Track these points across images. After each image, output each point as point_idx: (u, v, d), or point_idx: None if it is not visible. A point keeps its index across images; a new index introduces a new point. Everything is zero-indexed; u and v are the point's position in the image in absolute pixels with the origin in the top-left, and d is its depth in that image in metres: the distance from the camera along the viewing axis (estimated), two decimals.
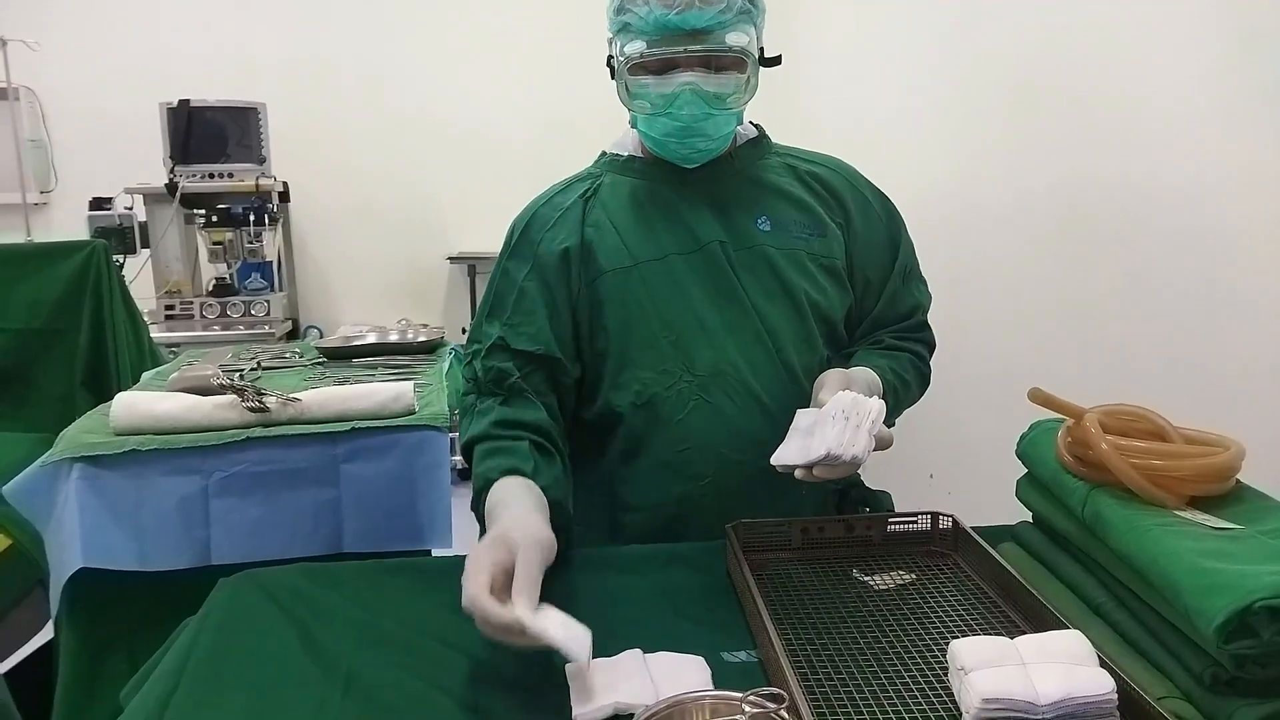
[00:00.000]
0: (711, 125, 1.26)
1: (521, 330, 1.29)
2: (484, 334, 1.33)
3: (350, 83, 4.26)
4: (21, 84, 3.88)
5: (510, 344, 1.29)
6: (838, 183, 1.39)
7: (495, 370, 1.29)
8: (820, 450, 1.05)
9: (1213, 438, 0.99)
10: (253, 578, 1.14)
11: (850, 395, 1.10)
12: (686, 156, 1.30)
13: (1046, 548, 1.07)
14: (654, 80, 1.23)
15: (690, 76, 1.21)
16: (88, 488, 1.41)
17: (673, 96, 1.22)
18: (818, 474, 1.07)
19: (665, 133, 1.26)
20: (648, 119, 1.27)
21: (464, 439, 1.28)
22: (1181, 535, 0.86)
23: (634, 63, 1.22)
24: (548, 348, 1.30)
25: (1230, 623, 0.73)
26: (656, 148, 1.30)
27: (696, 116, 1.23)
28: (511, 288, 1.32)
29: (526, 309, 1.30)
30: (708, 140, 1.28)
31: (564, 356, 1.31)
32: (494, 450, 1.22)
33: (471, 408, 1.30)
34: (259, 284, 3.82)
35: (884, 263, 1.38)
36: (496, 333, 1.30)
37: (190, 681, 0.94)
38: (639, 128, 1.30)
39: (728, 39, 1.20)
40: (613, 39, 1.27)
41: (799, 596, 1.06)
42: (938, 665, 0.90)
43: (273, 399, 1.49)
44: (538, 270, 1.31)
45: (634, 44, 1.21)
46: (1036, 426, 1.13)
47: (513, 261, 1.34)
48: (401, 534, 1.49)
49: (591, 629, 1.00)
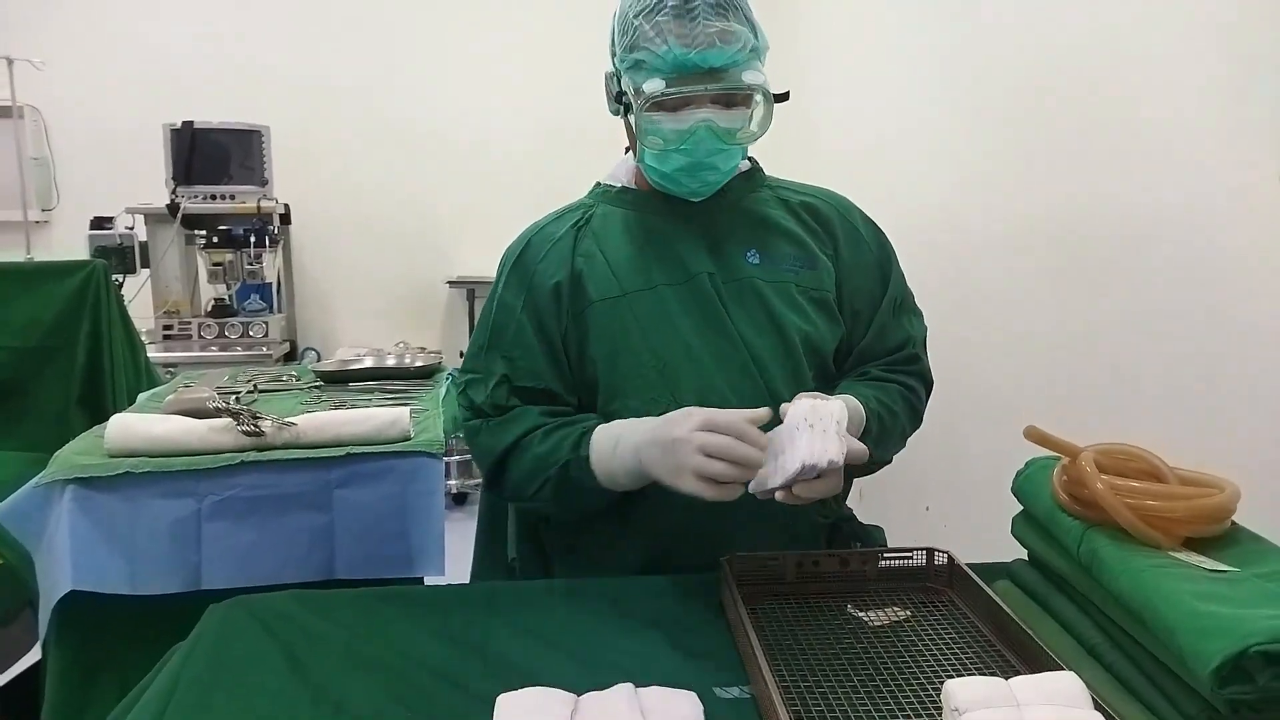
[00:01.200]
0: (722, 159, 1.27)
1: (521, 365, 1.31)
2: (484, 366, 1.33)
3: (353, 105, 4.29)
4: (26, 102, 3.91)
5: (513, 380, 1.31)
6: (829, 213, 1.39)
7: (497, 407, 1.31)
8: (794, 465, 1.04)
9: (1208, 478, 0.99)
10: (244, 603, 1.13)
11: (807, 403, 1.10)
12: (695, 190, 1.31)
13: (1042, 586, 1.06)
14: (668, 117, 1.24)
15: (706, 113, 1.22)
16: (80, 509, 1.40)
17: (688, 133, 1.23)
18: (798, 493, 1.06)
19: (677, 168, 1.27)
20: (659, 155, 1.27)
21: (500, 445, 1.28)
22: (1177, 577, 0.86)
23: (653, 100, 1.23)
24: (548, 383, 1.31)
25: (1225, 667, 0.73)
26: (665, 181, 1.31)
27: (710, 151, 1.25)
28: (509, 320, 1.32)
29: (525, 344, 1.31)
30: (717, 174, 1.29)
31: (561, 390, 1.32)
32: (555, 427, 1.27)
33: (480, 429, 1.31)
34: (258, 305, 3.83)
35: (873, 294, 1.38)
36: (500, 370, 1.31)
37: (178, 706, 0.93)
38: (645, 162, 1.31)
39: (744, 77, 1.22)
40: (621, 74, 1.27)
41: (793, 631, 1.05)
42: (932, 705, 0.89)
43: (268, 423, 1.49)
44: (532, 303, 1.32)
45: (652, 82, 1.21)
46: (1032, 464, 1.13)
47: (508, 293, 1.34)
48: (394, 561, 1.48)
49: (583, 662, 1.00)
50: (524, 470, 1.27)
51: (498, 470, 1.30)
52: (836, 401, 1.11)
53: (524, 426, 1.28)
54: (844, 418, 1.09)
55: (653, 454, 1.13)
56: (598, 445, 1.21)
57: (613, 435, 1.20)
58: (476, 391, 1.32)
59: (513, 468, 1.28)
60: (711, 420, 1.07)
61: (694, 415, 1.09)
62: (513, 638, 1.07)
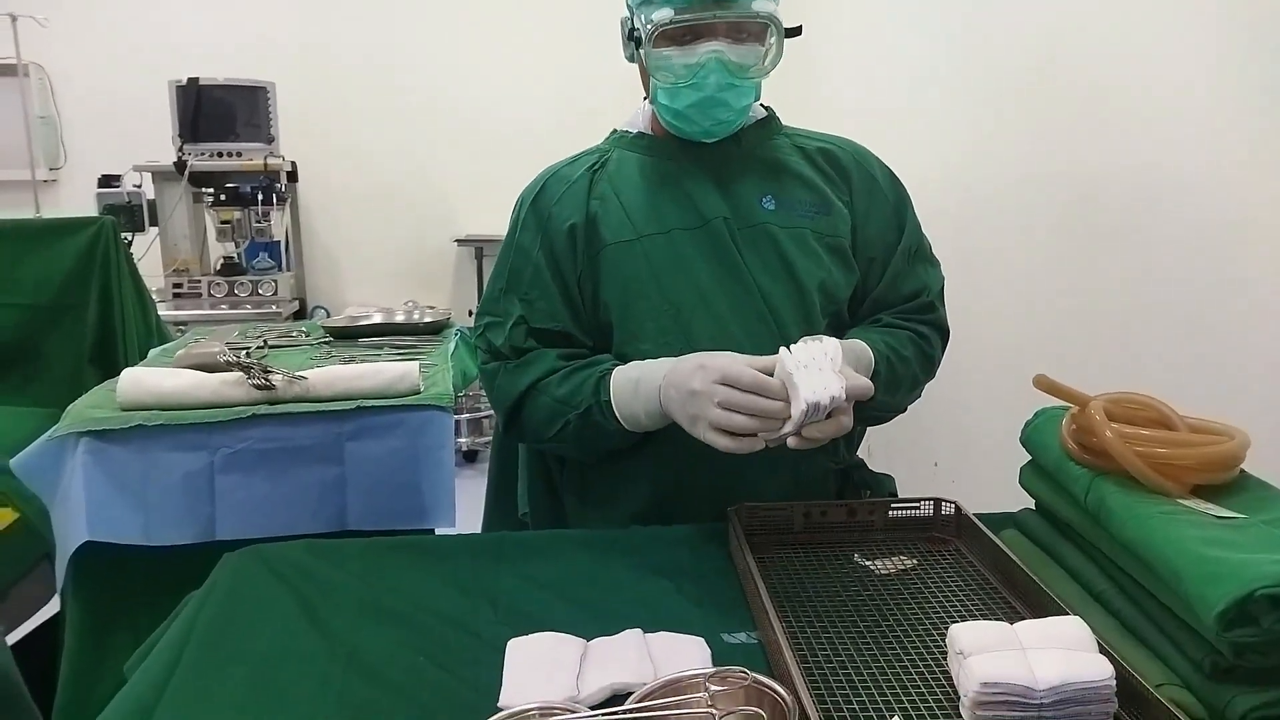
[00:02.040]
0: (734, 96, 1.26)
1: (539, 307, 1.31)
2: (501, 309, 1.33)
3: (360, 64, 4.26)
4: (31, 60, 3.88)
5: (530, 322, 1.31)
6: (845, 160, 1.38)
7: (520, 351, 1.31)
8: (799, 408, 1.02)
9: (1218, 427, 0.99)
10: (257, 553, 1.15)
11: (800, 345, 1.07)
12: (708, 130, 1.29)
13: (1049, 534, 1.07)
14: (678, 51, 1.23)
15: (716, 45, 1.22)
16: (94, 462, 1.42)
17: (698, 66, 1.22)
18: (810, 434, 1.05)
19: (688, 104, 1.26)
20: (670, 90, 1.26)
21: (517, 388, 1.29)
22: (1184, 523, 0.86)
23: (660, 31, 1.22)
24: (565, 325, 1.31)
25: (1231, 611, 0.73)
26: (677, 120, 1.30)
27: (721, 85, 1.23)
28: (526, 262, 1.32)
29: (543, 285, 1.31)
30: (729, 111, 1.27)
31: (577, 332, 1.32)
32: (573, 370, 1.27)
33: (498, 370, 1.32)
34: (266, 263, 3.83)
35: (889, 242, 1.37)
36: (517, 311, 1.31)
37: (194, 654, 0.95)
38: (659, 100, 1.30)
39: (755, 5, 1.21)
40: (635, 11, 1.26)
41: (800, 580, 1.06)
42: (937, 650, 0.90)
43: (279, 377, 1.50)
44: (548, 245, 1.32)
45: (661, 11, 1.21)
46: (1041, 414, 1.13)
47: (525, 235, 1.34)
48: (405, 512, 1.50)
49: (592, 609, 1.01)
50: (543, 413, 1.27)
51: (514, 412, 1.31)
52: (830, 339, 1.09)
53: (542, 369, 1.28)
54: (837, 354, 1.06)
55: (672, 398, 1.13)
56: (618, 388, 1.21)
57: (632, 378, 1.20)
58: (495, 334, 1.32)
59: (530, 410, 1.29)
60: (731, 375, 1.06)
61: (711, 368, 1.08)
62: (522, 586, 1.08)
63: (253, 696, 0.88)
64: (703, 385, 1.08)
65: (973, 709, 0.77)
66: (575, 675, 0.87)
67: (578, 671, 0.88)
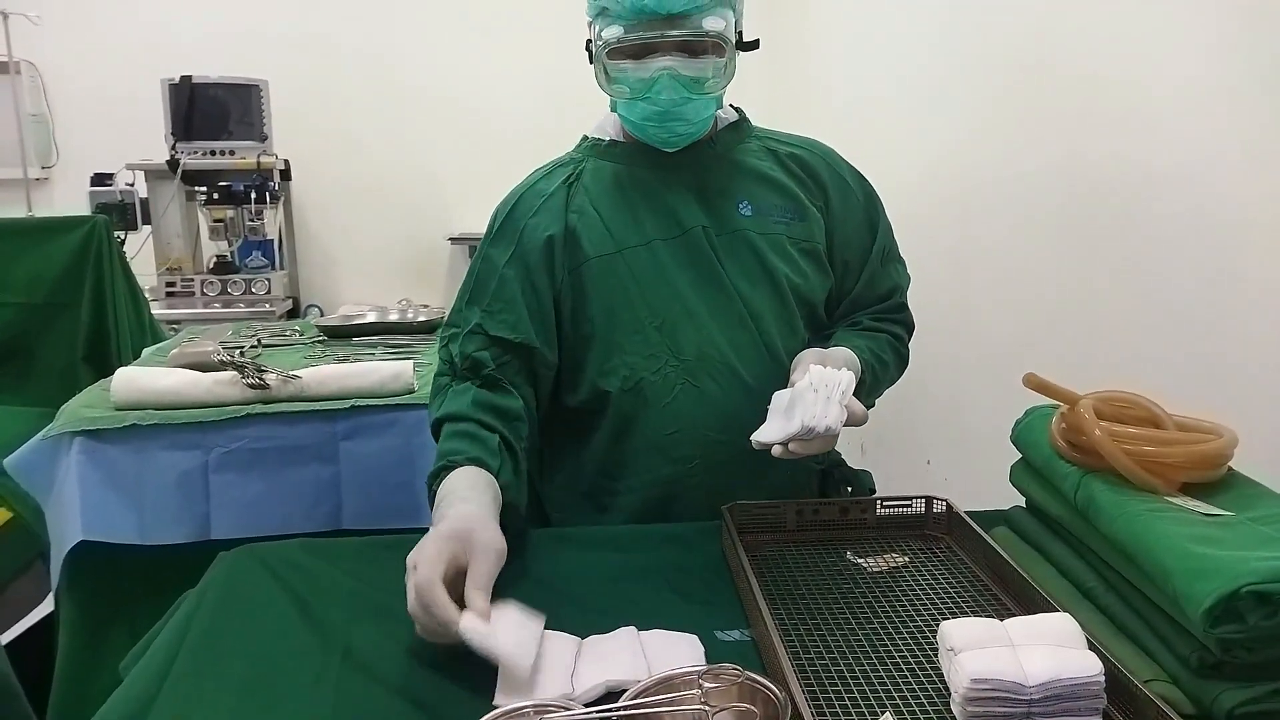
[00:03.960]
0: (691, 109, 1.26)
1: (500, 318, 1.28)
2: (463, 319, 1.31)
3: (353, 61, 4.25)
4: (23, 58, 3.87)
5: (487, 330, 1.28)
6: (816, 164, 1.39)
7: (471, 359, 1.27)
8: (795, 426, 1.08)
9: (1206, 425, 1.00)
10: (252, 552, 1.15)
11: (820, 370, 1.12)
12: (666, 140, 1.30)
13: (1039, 532, 1.08)
14: (632, 65, 1.23)
15: (668, 61, 1.21)
16: (88, 461, 1.42)
17: (651, 81, 1.22)
18: (794, 449, 1.08)
19: (644, 117, 1.26)
20: (627, 103, 1.27)
21: (436, 415, 1.26)
22: (1172, 520, 0.87)
23: (612, 47, 1.22)
24: (526, 336, 1.28)
25: (1218, 607, 0.74)
26: (636, 131, 1.31)
27: (675, 101, 1.23)
28: (492, 274, 1.31)
29: (507, 296, 1.29)
30: (687, 124, 1.28)
31: (541, 346, 1.30)
32: (465, 434, 1.20)
33: (445, 388, 1.28)
34: (260, 262, 3.83)
35: (862, 244, 1.39)
36: (475, 319, 1.29)
37: (190, 651, 0.95)
38: (619, 111, 1.31)
39: (705, 24, 1.20)
40: (591, 23, 1.27)
41: (792, 577, 1.07)
42: (928, 646, 0.91)
43: (273, 376, 1.50)
44: (519, 257, 1.30)
45: (611, 28, 1.21)
46: (1031, 412, 1.14)
47: (495, 248, 1.33)
48: (399, 511, 1.50)
49: (586, 607, 1.02)
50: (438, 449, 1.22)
51: (435, 436, 1.26)
52: (847, 373, 1.13)
53: (452, 408, 1.23)
54: (850, 387, 1.11)
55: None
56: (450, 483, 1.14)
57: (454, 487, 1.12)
58: (454, 345, 1.30)
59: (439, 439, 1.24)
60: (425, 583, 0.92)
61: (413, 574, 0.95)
62: (516, 583, 1.08)
63: (248, 694, 0.88)
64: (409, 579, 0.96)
65: (963, 705, 0.77)
66: (570, 673, 0.88)
67: (572, 669, 0.88)
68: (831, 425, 1.07)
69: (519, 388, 1.29)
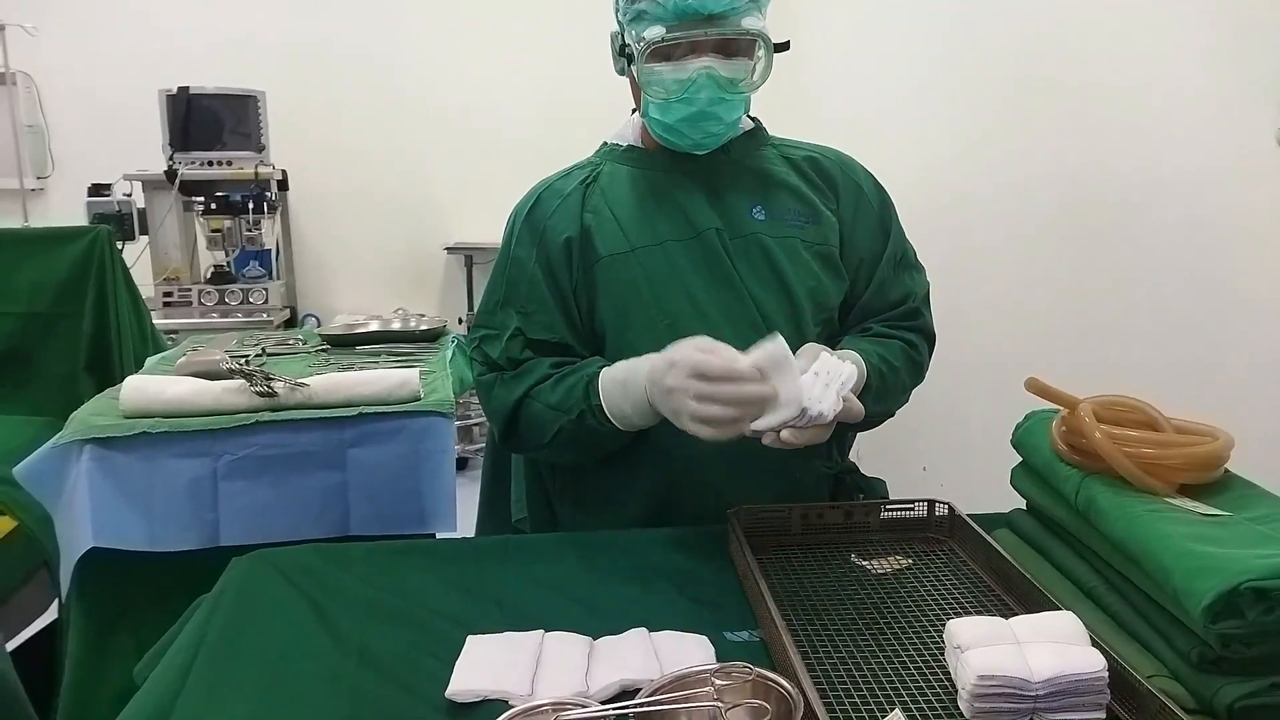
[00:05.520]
0: (725, 109, 1.28)
1: (536, 319, 1.32)
2: (498, 322, 1.34)
3: (350, 71, 4.26)
4: (19, 69, 3.88)
5: (527, 333, 1.32)
6: (831, 168, 1.41)
7: (517, 362, 1.32)
8: (791, 409, 1.07)
9: (1203, 428, 1.02)
10: (265, 557, 1.17)
11: (827, 358, 1.13)
12: (698, 142, 1.32)
13: (1040, 534, 1.10)
14: (669, 67, 1.25)
15: (707, 61, 1.24)
16: (98, 469, 1.43)
17: (689, 82, 1.24)
18: (785, 437, 1.08)
19: (680, 118, 1.28)
20: (662, 105, 1.28)
21: (512, 398, 1.30)
22: (1171, 521, 0.89)
23: (652, 48, 1.24)
24: (562, 337, 1.32)
25: (1217, 604, 0.76)
26: (668, 134, 1.32)
27: (712, 100, 1.26)
28: (523, 275, 1.34)
29: (539, 298, 1.32)
30: (720, 124, 1.30)
31: (575, 343, 1.34)
32: (563, 376, 1.28)
33: (496, 381, 1.32)
34: (257, 271, 3.83)
35: (875, 250, 1.40)
36: (514, 323, 1.32)
37: (207, 656, 0.96)
38: (650, 114, 1.32)
39: (744, 23, 1.23)
40: (626, 28, 1.29)
41: (799, 579, 1.09)
42: (934, 645, 0.93)
43: (281, 384, 1.51)
44: (544, 258, 1.33)
45: (653, 29, 1.23)
46: (1032, 416, 1.16)
47: (521, 248, 1.35)
48: (407, 517, 1.51)
49: (598, 608, 1.03)
50: (537, 420, 1.29)
51: (510, 423, 1.32)
52: (850, 367, 1.14)
53: (534, 377, 1.30)
54: (851, 380, 1.12)
55: (655, 396, 1.16)
56: (607, 390, 1.23)
57: (619, 379, 1.22)
58: (492, 347, 1.33)
59: (525, 418, 1.30)
60: (700, 368, 1.08)
61: (681, 364, 1.10)
62: (527, 588, 1.10)
63: (266, 697, 0.89)
64: (676, 382, 1.10)
65: (971, 701, 0.79)
66: (584, 673, 0.89)
67: (586, 669, 0.90)
68: (824, 411, 1.07)
69: None
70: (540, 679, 0.88)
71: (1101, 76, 1.92)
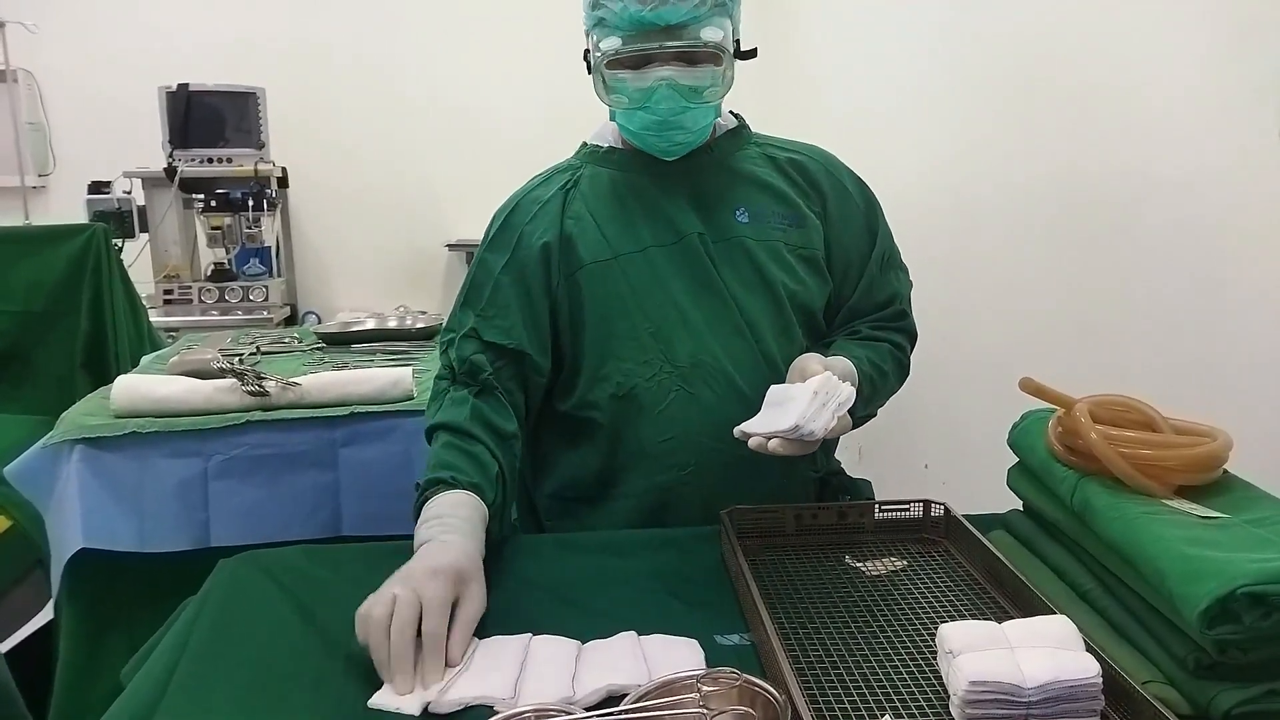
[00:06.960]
0: (689, 118, 1.26)
1: (494, 323, 1.29)
2: (458, 322, 1.32)
3: (350, 68, 4.25)
4: (20, 66, 3.87)
5: (482, 335, 1.29)
6: (816, 170, 1.39)
7: (469, 363, 1.28)
8: (786, 423, 1.07)
9: (1201, 428, 1.00)
10: (254, 558, 1.16)
11: (825, 375, 1.13)
12: (665, 150, 1.30)
13: (1036, 535, 1.08)
14: (631, 75, 1.23)
15: (667, 71, 1.21)
16: (88, 469, 1.42)
17: (649, 91, 1.22)
18: (772, 447, 1.07)
19: (643, 126, 1.27)
20: (626, 113, 1.27)
21: (433, 421, 1.25)
22: (1168, 523, 0.88)
23: (610, 58, 1.22)
24: (519, 343, 1.29)
25: (1214, 608, 0.75)
26: (636, 140, 1.31)
27: (674, 110, 1.24)
28: (488, 279, 1.32)
29: (501, 302, 1.30)
30: (686, 133, 1.28)
31: (534, 352, 1.30)
32: (467, 453, 1.19)
33: (444, 392, 1.28)
34: (257, 269, 3.83)
35: (861, 251, 1.39)
36: (470, 324, 1.30)
37: (192, 657, 0.95)
38: (618, 120, 1.31)
39: (703, 34, 1.20)
40: (589, 33, 1.27)
41: (792, 581, 1.07)
42: (927, 649, 0.91)
43: (272, 383, 1.51)
44: (515, 264, 1.31)
45: (610, 39, 1.21)
46: (1028, 416, 1.15)
47: (491, 253, 1.34)
48: (399, 518, 1.49)
49: (586, 612, 1.02)
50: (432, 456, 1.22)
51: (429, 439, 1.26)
52: (849, 388, 1.13)
53: (450, 417, 1.23)
54: (849, 401, 1.12)
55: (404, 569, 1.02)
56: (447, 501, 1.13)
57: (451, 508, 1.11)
58: (452, 350, 1.31)
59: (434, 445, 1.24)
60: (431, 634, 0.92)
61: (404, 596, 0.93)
62: (516, 589, 1.09)
63: (251, 700, 0.88)
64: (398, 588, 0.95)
65: (962, 707, 0.78)
66: (571, 677, 0.88)
67: (573, 673, 0.89)
68: (817, 430, 1.07)
69: (512, 394, 1.29)
70: (525, 683, 0.87)
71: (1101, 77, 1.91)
